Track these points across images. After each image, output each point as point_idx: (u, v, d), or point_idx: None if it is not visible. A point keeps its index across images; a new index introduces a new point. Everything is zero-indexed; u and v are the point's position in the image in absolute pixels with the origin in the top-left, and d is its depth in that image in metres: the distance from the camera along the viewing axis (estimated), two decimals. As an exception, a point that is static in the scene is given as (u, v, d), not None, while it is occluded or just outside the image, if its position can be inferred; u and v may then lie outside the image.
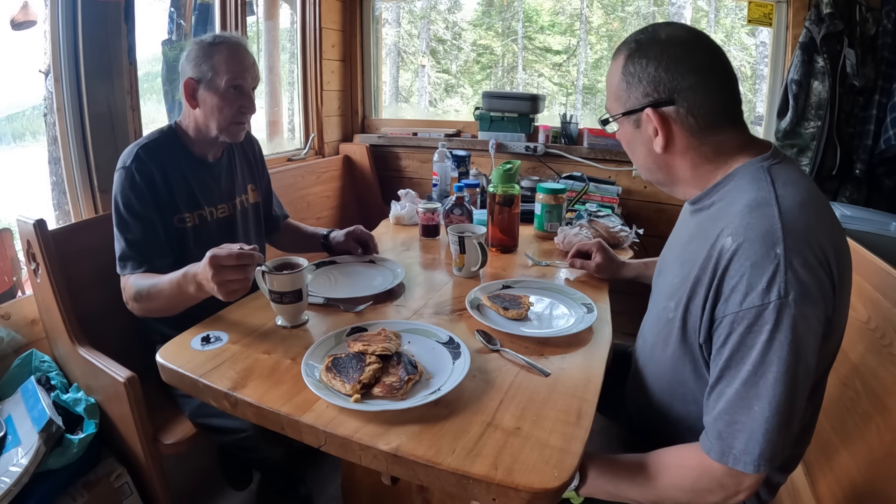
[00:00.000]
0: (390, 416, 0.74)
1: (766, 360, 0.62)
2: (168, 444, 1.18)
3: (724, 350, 0.66)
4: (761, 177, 0.70)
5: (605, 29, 6.77)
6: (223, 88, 1.20)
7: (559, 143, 2.34)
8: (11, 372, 1.30)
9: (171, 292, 1.03)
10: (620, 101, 0.77)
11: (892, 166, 1.84)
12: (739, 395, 0.64)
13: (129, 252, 1.15)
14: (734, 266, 0.65)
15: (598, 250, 1.24)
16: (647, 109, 0.73)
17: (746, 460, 0.64)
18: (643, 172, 0.84)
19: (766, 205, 0.66)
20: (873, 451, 0.93)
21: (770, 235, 0.63)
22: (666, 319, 0.79)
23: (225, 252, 0.91)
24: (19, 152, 1.71)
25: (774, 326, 0.61)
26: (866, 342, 1.02)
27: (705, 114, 0.72)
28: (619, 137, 0.83)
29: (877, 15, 1.82)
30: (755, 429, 0.63)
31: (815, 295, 0.62)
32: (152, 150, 1.20)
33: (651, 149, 0.77)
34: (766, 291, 0.61)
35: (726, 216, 0.70)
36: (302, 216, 2.27)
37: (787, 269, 0.61)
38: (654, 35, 0.74)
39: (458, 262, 1.26)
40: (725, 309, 0.66)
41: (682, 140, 0.74)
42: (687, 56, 0.72)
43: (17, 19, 1.50)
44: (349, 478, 1.22)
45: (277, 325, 1.01)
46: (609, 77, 0.80)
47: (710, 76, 0.72)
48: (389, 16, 5.78)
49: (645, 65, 0.73)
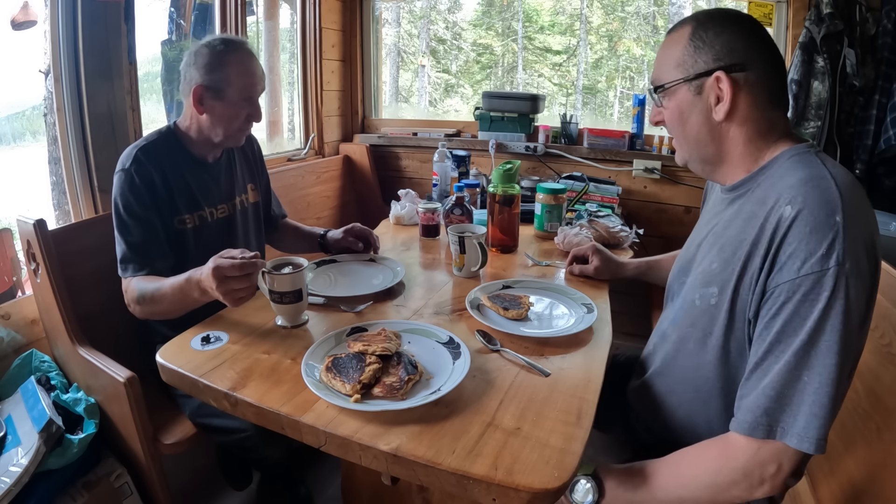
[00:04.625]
0: (390, 416, 0.74)
1: (821, 329, 0.61)
2: (168, 444, 1.18)
3: (776, 321, 0.65)
4: (811, 159, 0.71)
5: (605, 29, 6.77)
6: (235, 100, 1.21)
7: (559, 143, 2.34)
8: (11, 372, 1.30)
9: (173, 296, 1.04)
10: (683, 68, 0.76)
11: (892, 166, 1.84)
12: (789, 368, 0.63)
13: (130, 254, 1.15)
14: (793, 233, 0.64)
15: (594, 253, 1.24)
16: (719, 72, 0.73)
17: (800, 435, 0.62)
18: (690, 147, 0.81)
19: (822, 178, 0.67)
20: (873, 451, 0.93)
21: (830, 203, 0.63)
22: (705, 307, 0.77)
23: (227, 263, 0.91)
24: (19, 152, 1.71)
25: (832, 294, 0.61)
26: (866, 342, 1.02)
27: (770, 88, 0.74)
28: (669, 111, 0.80)
29: (877, 15, 1.82)
30: (805, 401, 0.62)
31: (864, 270, 0.63)
32: (151, 151, 1.20)
33: (709, 117, 0.76)
34: (826, 258, 0.61)
35: (778, 190, 0.69)
36: (302, 216, 2.27)
37: (845, 238, 0.62)
38: (724, 11, 0.77)
39: (458, 262, 1.26)
40: (780, 277, 0.65)
41: (745, 110, 0.74)
42: (760, 32, 0.74)
43: (17, 19, 1.50)
44: (349, 478, 1.22)
45: (277, 325, 1.01)
46: (666, 50, 0.79)
47: (775, 54, 0.74)
48: (389, 16, 5.78)
49: (719, 32, 0.73)
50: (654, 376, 0.91)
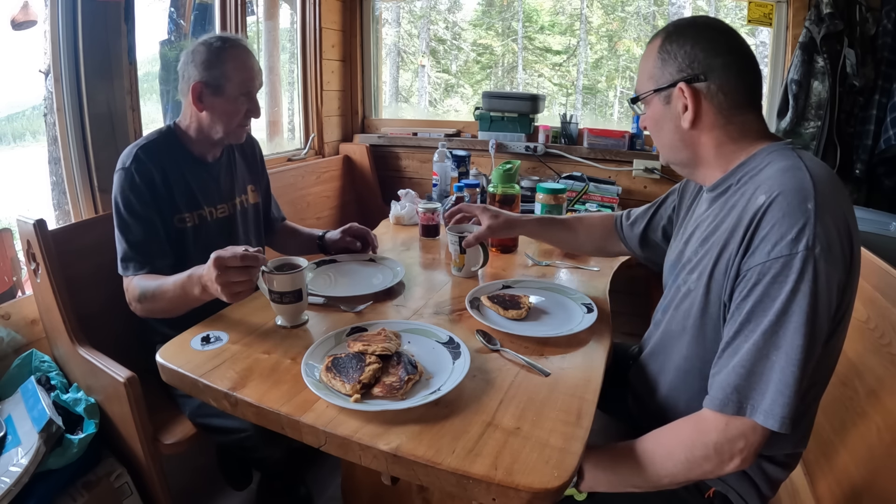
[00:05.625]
0: (390, 416, 0.74)
1: (788, 311, 0.64)
2: (168, 444, 1.18)
3: (747, 302, 0.67)
4: (789, 153, 0.74)
5: (605, 29, 6.77)
6: (234, 96, 1.22)
7: (559, 143, 2.34)
8: (11, 372, 1.30)
9: (175, 294, 1.04)
10: (653, 79, 0.81)
11: (892, 166, 1.84)
12: (757, 347, 0.65)
13: (131, 253, 1.15)
14: (767, 217, 0.67)
15: (482, 212, 1.20)
16: (681, 83, 0.77)
17: (766, 412, 0.64)
18: (667, 153, 0.86)
19: (797, 168, 0.70)
20: (873, 450, 0.93)
21: (802, 191, 0.66)
22: (686, 293, 0.81)
23: (229, 253, 0.92)
24: (19, 152, 1.71)
25: (799, 276, 0.63)
26: (866, 342, 1.02)
27: (734, 93, 0.76)
28: (647, 118, 0.86)
29: (877, 15, 1.82)
30: (772, 379, 0.64)
31: (837, 256, 0.65)
32: (151, 150, 1.20)
33: (679, 125, 0.80)
34: (795, 241, 0.64)
35: (756, 182, 0.73)
36: (302, 216, 2.27)
37: (816, 223, 0.64)
38: (692, 21, 0.81)
39: (457, 262, 1.26)
40: (752, 260, 0.67)
41: (710, 117, 0.77)
42: (721, 39, 0.77)
43: (17, 19, 1.50)
44: (349, 478, 1.22)
45: (277, 325, 1.01)
46: (644, 60, 0.84)
47: (740, 59, 0.77)
48: (389, 16, 5.78)
49: (682, 44, 0.78)
50: (647, 357, 0.94)
